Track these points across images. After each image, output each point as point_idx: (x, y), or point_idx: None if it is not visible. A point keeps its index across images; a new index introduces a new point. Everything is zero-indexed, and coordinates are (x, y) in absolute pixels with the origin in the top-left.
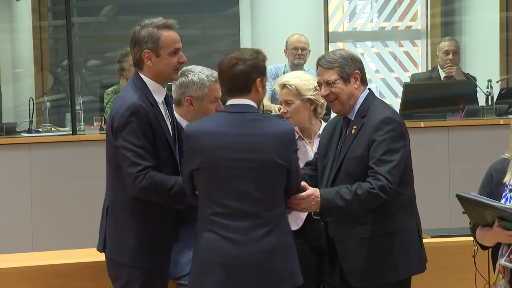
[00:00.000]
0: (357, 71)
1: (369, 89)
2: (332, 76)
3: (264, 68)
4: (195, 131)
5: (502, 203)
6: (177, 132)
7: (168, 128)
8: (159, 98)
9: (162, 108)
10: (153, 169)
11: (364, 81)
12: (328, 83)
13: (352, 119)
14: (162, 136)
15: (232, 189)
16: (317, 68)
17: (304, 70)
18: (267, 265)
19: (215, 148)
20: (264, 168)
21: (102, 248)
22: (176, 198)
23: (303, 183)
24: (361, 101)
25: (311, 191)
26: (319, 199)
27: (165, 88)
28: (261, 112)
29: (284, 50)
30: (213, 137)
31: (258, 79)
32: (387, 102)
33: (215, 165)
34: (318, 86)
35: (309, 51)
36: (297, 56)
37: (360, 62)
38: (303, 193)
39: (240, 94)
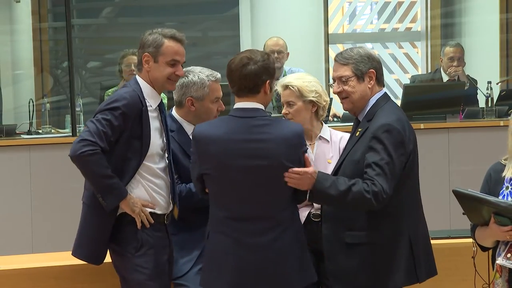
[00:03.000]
0: (372, 70)
1: (385, 91)
2: (345, 72)
3: (274, 70)
4: (202, 136)
5: (496, 198)
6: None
7: (149, 135)
8: (153, 103)
9: (155, 114)
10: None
11: (380, 82)
12: (342, 80)
13: (361, 120)
14: (137, 143)
15: (242, 194)
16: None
17: (291, 69)
18: (281, 265)
19: (223, 155)
20: (273, 172)
21: None
22: (105, 190)
23: (306, 156)
24: (372, 103)
25: (309, 169)
26: (314, 180)
27: (160, 96)
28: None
29: None
30: (221, 144)
31: (268, 81)
32: None
33: (223, 171)
34: (332, 82)
35: (287, 54)
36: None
37: (378, 62)
38: (300, 169)
39: (249, 95)
